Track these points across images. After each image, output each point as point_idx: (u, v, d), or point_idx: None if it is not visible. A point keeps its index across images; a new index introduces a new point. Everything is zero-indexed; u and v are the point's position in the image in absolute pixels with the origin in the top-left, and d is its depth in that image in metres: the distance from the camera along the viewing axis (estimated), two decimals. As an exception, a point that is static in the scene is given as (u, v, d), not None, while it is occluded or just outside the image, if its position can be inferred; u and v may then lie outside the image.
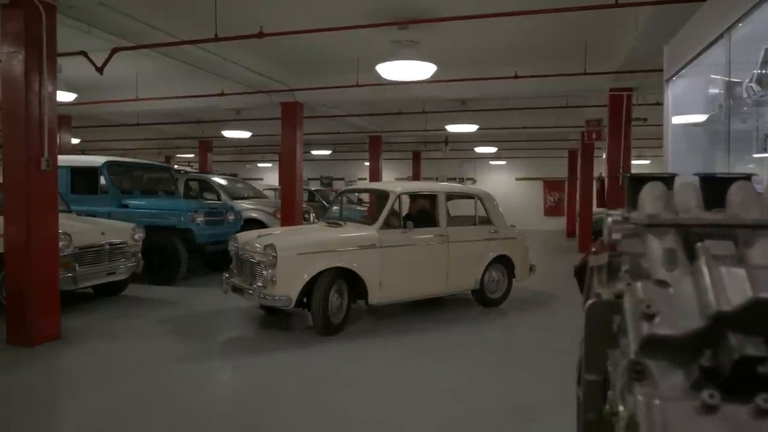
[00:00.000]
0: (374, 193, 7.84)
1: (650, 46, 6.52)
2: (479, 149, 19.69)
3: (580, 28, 7.41)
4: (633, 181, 1.24)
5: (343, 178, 25.87)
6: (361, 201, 16.41)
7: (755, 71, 3.34)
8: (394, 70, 7.48)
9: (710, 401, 0.66)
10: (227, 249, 6.46)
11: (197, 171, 17.10)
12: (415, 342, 5.72)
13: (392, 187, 6.87)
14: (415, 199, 7.26)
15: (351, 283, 5.90)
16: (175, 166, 20.38)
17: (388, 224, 6.28)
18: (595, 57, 8.29)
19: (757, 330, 0.72)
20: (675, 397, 0.70)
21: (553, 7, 5.65)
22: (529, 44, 8.29)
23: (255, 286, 5.66)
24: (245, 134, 15.70)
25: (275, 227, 9.64)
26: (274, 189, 15.46)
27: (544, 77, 8.45)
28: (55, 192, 5.70)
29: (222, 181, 12.43)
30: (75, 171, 9.12)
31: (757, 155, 3.73)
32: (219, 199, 11.36)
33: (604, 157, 10.29)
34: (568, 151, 19.80)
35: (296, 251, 5.61)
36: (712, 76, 4.09)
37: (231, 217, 9.62)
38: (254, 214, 11.00)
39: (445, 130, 14.12)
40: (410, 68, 7.44)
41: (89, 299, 7.44)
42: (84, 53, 6.88)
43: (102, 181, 9.11)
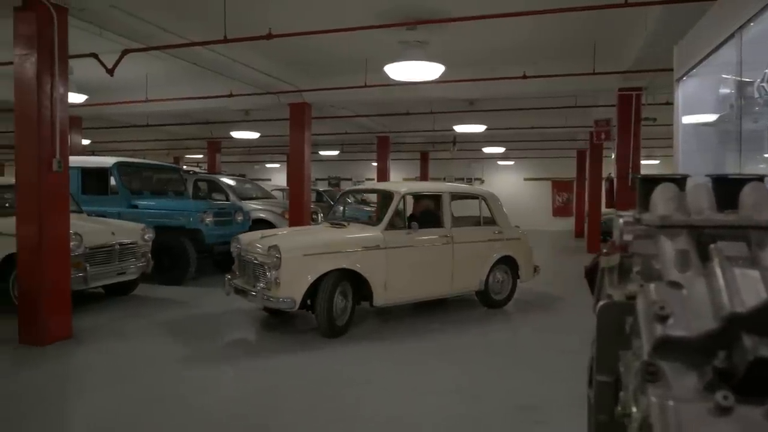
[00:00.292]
0: (379, 194, 7.73)
1: (660, 46, 6.48)
2: (487, 149, 19.65)
3: (588, 28, 7.38)
4: (644, 182, 1.24)
5: (350, 179, 25.89)
6: (365, 201, 16.37)
7: (767, 71, 3.31)
8: (403, 71, 7.48)
9: (724, 402, 0.66)
10: (236, 249, 6.47)
11: (206, 172, 17.18)
12: (420, 344, 5.69)
13: (397, 187, 6.80)
14: (419, 199, 7.18)
15: (355, 284, 5.84)
16: (184, 166, 20.46)
17: (392, 225, 6.21)
18: (604, 56, 8.25)
19: (771, 331, 0.72)
20: (689, 399, 0.70)
21: (561, 7, 5.63)
22: (537, 44, 8.26)
23: (258, 287, 5.58)
24: (254, 135, 15.77)
25: (280, 228, 9.64)
26: (282, 189, 15.51)
27: (552, 77, 8.41)
28: (67, 192, 5.75)
29: (230, 182, 12.48)
30: (85, 172, 9.20)
31: (768, 155, 3.71)
32: (227, 200, 11.41)
33: (613, 157, 10.24)
34: (576, 151, 19.71)
35: (301, 252, 5.54)
36: (723, 75, 4.06)
37: (239, 218, 9.66)
38: (263, 215, 11.04)
39: (453, 130, 14.10)
40: (418, 69, 7.44)
41: (100, 299, 7.50)
42: (95, 55, 6.93)
43: (112, 181, 9.18)
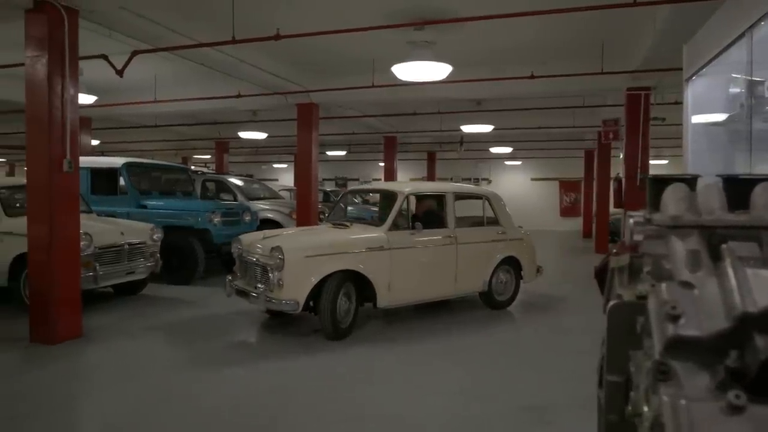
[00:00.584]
0: (382, 194, 7.63)
1: (669, 45, 6.44)
2: (494, 149, 19.60)
3: (597, 28, 7.35)
4: (655, 183, 1.24)
5: (358, 179, 25.90)
6: (368, 201, 16.29)
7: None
8: (410, 71, 7.47)
9: (736, 402, 0.67)
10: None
11: (214, 172, 17.26)
12: (424, 345, 5.64)
13: (400, 187, 6.71)
14: (422, 199, 7.08)
15: (358, 285, 5.77)
16: (192, 167, 20.57)
17: (396, 225, 6.13)
18: (612, 56, 8.22)
19: (784, 331, 0.72)
20: (701, 398, 0.70)
21: (570, 7, 5.61)
22: (545, 44, 8.24)
23: (260, 289, 5.50)
24: (261, 135, 15.81)
25: (282, 228, 9.62)
26: (290, 189, 15.55)
27: (560, 77, 8.39)
28: (77, 193, 5.80)
29: (238, 182, 12.53)
30: (95, 172, 9.27)
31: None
32: (235, 200, 11.46)
33: (621, 157, 10.19)
34: (584, 151, 19.63)
35: (304, 253, 5.46)
36: (733, 75, 4.04)
37: (247, 218, 9.69)
38: (270, 215, 11.07)
39: (460, 130, 14.07)
40: (426, 69, 7.43)
41: (109, 298, 7.55)
42: (105, 56, 6.98)
43: (121, 182, 9.24)
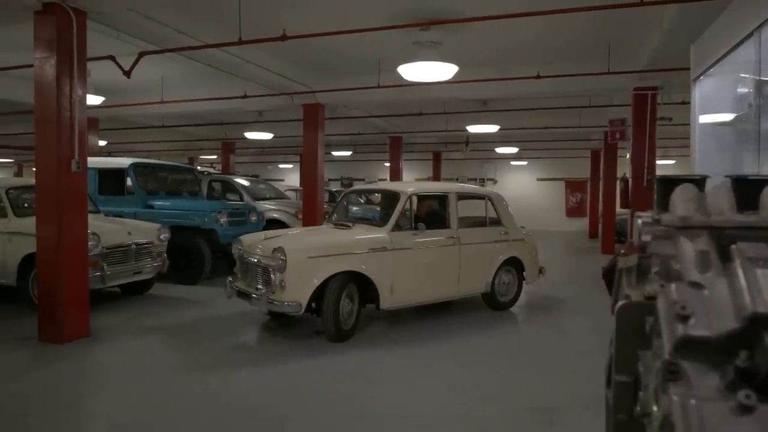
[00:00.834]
0: (384, 194, 7.53)
1: (676, 45, 6.42)
2: (500, 150, 19.58)
3: (603, 27, 7.33)
4: (663, 183, 1.24)
5: (363, 179, 25.92)
6: (372, 201, 16.27)
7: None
8: (416, 71, 7.47)
9: (746, 401, 0.67)
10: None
11: (220, 172, 17.31)
12: (428, 346, 5.59)
13: (403, 187, 6.65)
14: (425, 199, 7.00)
15: (361, 287, 5.72)
16: (198, 167, 20.64)
17: (399, 226, 6.08)
18: (618, 56, 8.20)
19: (794, 332, 0.72)
20: (710, 398, 0.70)
21: (576, 6, 5.60)
22: (551, 44, 8.23)
23: (262, 291, 5.45)
24: (267, 136, 15.85)
25: (283, 229, 9.57)
26: (296, 190, 15.58)
27: (566, 77, 8.37)
28: (85, 193, 5.84)
29: (244, 182, 12.57)
30: (102, 172, 9.33)
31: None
32: (241, 200, 11.49)
33: (627, 157, 10.16)
34: (590, 151, 19.57)
35: (306, 254, 5.41)
36: (741, 74, 4.02)
37: (253, 218, 9.72)
38: (276, 215, 11.10)
39: (466, 130, 14.07)
40: (432, 69, 7.43)
41: (116, 298, 7.60)
42: (112, 57, 7.02)
43: (128, 182, 9.30)
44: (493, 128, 13.52)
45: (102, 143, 16.74)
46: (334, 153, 21.48)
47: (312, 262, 5.39)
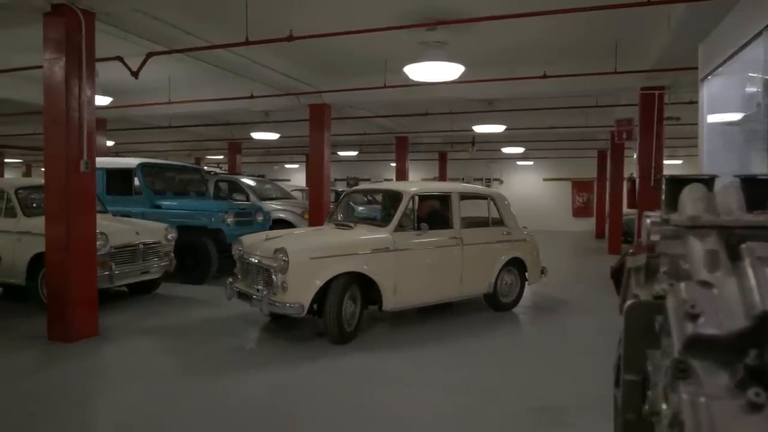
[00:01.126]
0: (387, 194, 7.42)
1: (684, 45, 6.39)
2: (506, 149, 19.54)
3: (610, 27, 7.31)
4: (672, 183, 1.25)
5: (369, 179, 25.93)
6: (376, 201, 16.16)
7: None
8: (422, 72, 7.48)
9: (756, 400, 0.67)
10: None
11: (226, 172, 17.37)
12: (431, 348, 5.51)
13: (405, 187, 6.57)
14: (428, 199, 6.86)
15: (363, 288, 5.65)
16: (205, 167, 20.72)
17: (401, 226, 6.01)
18: (625, 55, 8.17)
19: (804, 331, 0.72)
20: (720, 396, 0.71)
21: (583, 6, 5.58)
22: (557, 44, 8.21)
23: (263, 292, 5.36)
24: (274, 136, 15.90)
25: (283, 229, 9.43)
26: (302, 190, 15.61)
27: (573, 76, 8.34)
28: (94, 193, 5.88)
29: (251, 182, 12.61)
30: (110, 172, 9.39)
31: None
32: (248, 200, 11.53)
33: (635, 157, 10.12)
34: (597, 151, 19.51)
35: (309, 255, 5.32)
36: (749, 74, 4.00)
37: (260, 218, 9.75)
38: (282, 215, 11.13)
39: (472, 130, 14.06)
40: (438, 69, 7.43)
41: (124, 297, 7.64)
42: (120, 58, 7.06)
43: (136, 182, 9.35)
44: (499, 128, 13.50)
45: (110, 143, 16.83)
46: (340, 153, 21.51)
47: (314, 263, 5.32)
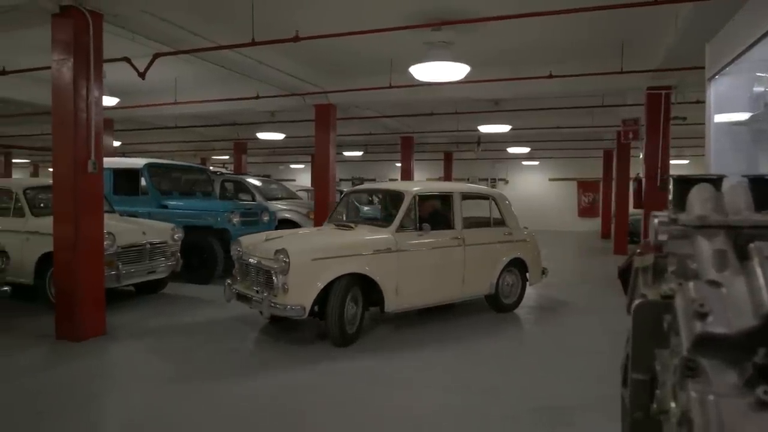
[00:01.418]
0: (388, 194, 7.30)
1: (690, 44, 6.37)
2: (512, 149, 19.52)
3: (616, 27, 7.29)
4: (680, 183, 1.25)
5: (374, 179, 25.93)
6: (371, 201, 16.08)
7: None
8: (428, 72, 7.48)
9: (765, 398, 0.68)
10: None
11: (232, 172, 17.43)
12: (434, 350, 5.45)
13: (407, 187, 6.47)
14: (429, 200, 6.73)
15: (364, 289, 5.57)
16: (211, 167, 20.80)
17: (403, 226, 5.93)
18: (632, 55, 8.14)
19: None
20: (729, 394, 0.71)
21: (589, 6, 5.58)
22: (563, 43, 8.20)
23: (263, 294, 5.27)
24: (279, 136, 15.94)
25: (284, 230, 9.34)
26: (307, 190, 15.64)
27: (579, 76, 8.33)
28: (101, 193, 5.91)
29: (256, 183, 12.64)
30: (117, 173, 9.43)
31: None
32: (254, 200, 11.57)
33: (641, 157, 10.09)
34: (603, 150, 19.45)
35: (310, 256, 5.23)
36: (757, 73, 3.99)
37: (266, 218, 9.78)
38: (288, 215, 11.16)
39: (478, 130, 14.05)
40: (443, 69, 7.43)
41: (131, 297, 7.68)
42: (127, 59, 7.11)
43: (143, 182, 9.39)
44: (504, 128, 13.49)
45: (116, 144, 16.93)
46: (346, 153, 21.54)
47: (316, 264, 5.23)
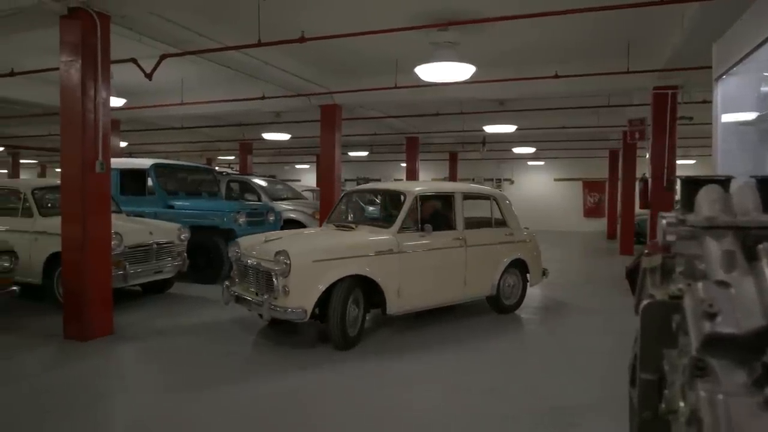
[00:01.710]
0: (388, 194, 7.19)
1: (697, 44, 6.35)
2: (517, 150, 19.48)
3: (623, 26, 7.27)
4: (688, 184, 1.25)
5: (379, 179, 25.95)
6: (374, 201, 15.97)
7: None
8: (433, 72, 7.47)
9: (774, 397, 0.68)
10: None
11: (238, 172, 17.48)
12: (436, 352, 5.38)
13: (409, 187, 6.39)
14: (431, 200, 6.61)
15: (366, 291, 5.48)
16: (216, 167, 20.86)
17: (405, 227, 5.85)
18: (638, 55, 8.12)
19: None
20: (738, 393, 0.72)
21: (595, 6, 5.56)
22: (569, 43, 8.18)
23: (263, 297, 5.15)
24: (285, 136, 15.97)
25: (284, 231, 9.26)
26: (313, 190, 15.67)
27: (585, 76, 8.31)
28: (109, 193, 5.95)
29: (262, 183, 12.68)
30: (124, 173, 9.49)
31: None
32: (259, 200, 11.61)
33: (647, 157, 10.05)
34: (609, 150, 19.39)
35: (311, 258, 5.13)
36: (764, 73, 3.97)
37: (271, 218, 9.81)
38: (293, 215, 11.19)
39: (483, 130, 14.04)
40: (449, 69, 7.42)
41: (138, 296, 7.72)
42: (134, 60, 7.14)
43: (149, 182, 9.44)
44: (510, 128, 13.47)
45: (123, 144, 17.01)
46: (351, 153, 21.56)
47: (317, 266, 5.13)
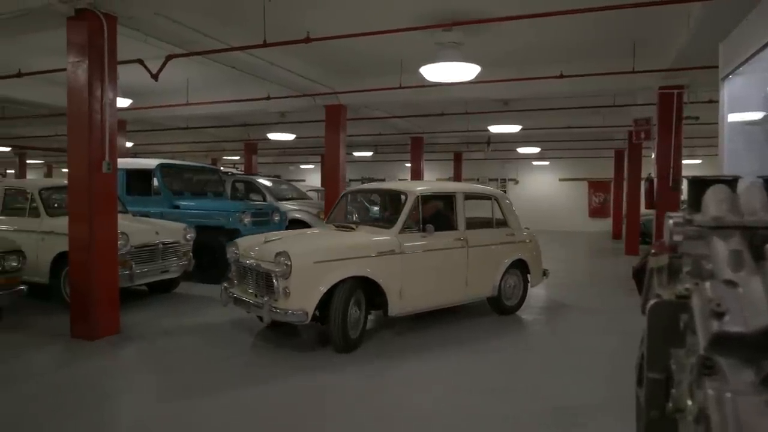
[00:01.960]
0: (389, 195, 7.08)
1: (703, 43, 6.33)
2: (522, 149, 19.45)
3: (628, 26, 7.25)
4: (695, 184, 1.25)
5: (384, 179, 25.95)
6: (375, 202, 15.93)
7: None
8: (438, 72, 7.48)
9: (782, 396, 0.69)
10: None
11: (242, 173, 17.53)
12: (439, 354, 5.34)
13: (410, 187, 6.31)
14: (432, 200, 6.50)
15: (367, 292, 5.41)
16: (221, 167, 20.91)
17: (406, 228, 5.78)
18: (643, 54, 8.10)
19: (829, 329, 0.73)
20: (745, 392, 0.72)
21: (599, 6, 5.55)
22: (574, 43, 8.16)
23: (263, 299, 5.07)
24: (290, 137, 16.00)
25: (283, 231, 9.13)
26: (317, 190, 15.70)
27: (589, 76, 8.29)
28: (115, 193, 5.98)
29: (267, 183, 12.72)
30: (130, 173, 9.54)
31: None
32: (264, 200, 11.64)
33: (652, 156, 10.02)
34: (614, 150, 19.34)
35: (312, 259, 5.05)
36: (771, 73, 3.96)
37: (276, 218, 9.83)
38: (298, 215, 11.22)
39: (488, 130, 14.02)
40: (454, 70, 7.42)
41: (144, 296, 7.75)
42: (140, 61, 7.17)
43: (155, 182, 9.48)
44: (514, 128, 13.46)
45: (129, 144, 17.07)
46: (356, 153, 21.58)
47: (318, 267, 5.04)
